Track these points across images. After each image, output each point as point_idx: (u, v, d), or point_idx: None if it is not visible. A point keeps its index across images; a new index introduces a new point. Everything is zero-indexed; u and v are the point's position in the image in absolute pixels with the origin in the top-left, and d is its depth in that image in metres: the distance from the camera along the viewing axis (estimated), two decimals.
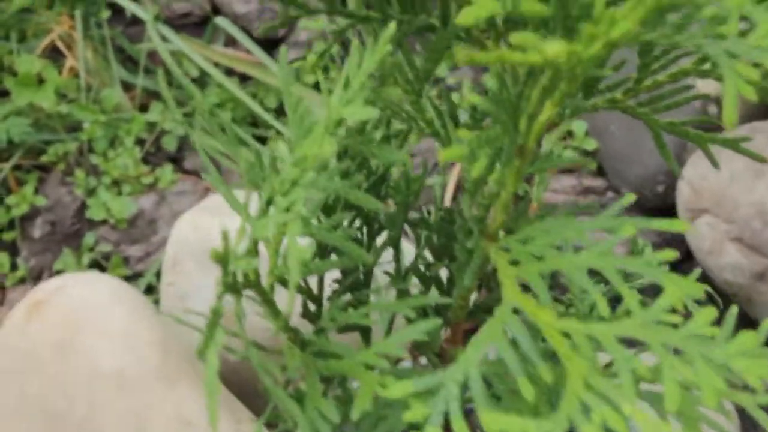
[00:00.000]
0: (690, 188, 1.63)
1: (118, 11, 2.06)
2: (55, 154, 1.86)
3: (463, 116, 0.67)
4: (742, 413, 1.53)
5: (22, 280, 1.76)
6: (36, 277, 1.76)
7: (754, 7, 0.54)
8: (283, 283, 0.62)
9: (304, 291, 0.68)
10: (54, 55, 1.99)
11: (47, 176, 1.86)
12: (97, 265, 1.77)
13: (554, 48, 0.44)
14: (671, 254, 0.56)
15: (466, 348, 0.54)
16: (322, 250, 0.67)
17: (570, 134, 1.83)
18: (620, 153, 1.79)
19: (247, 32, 2.04)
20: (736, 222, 1.58)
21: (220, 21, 2.02)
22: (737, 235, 1.58)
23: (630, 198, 0.58)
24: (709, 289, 0.89)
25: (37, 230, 1.80)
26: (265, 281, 0.63)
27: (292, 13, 0.68)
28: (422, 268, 0.71)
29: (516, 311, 0.53)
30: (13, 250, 1.80)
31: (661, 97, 0.70)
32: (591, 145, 1.81)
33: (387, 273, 0.70)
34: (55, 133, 1.88)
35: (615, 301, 0.73)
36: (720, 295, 1.69)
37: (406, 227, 0.72)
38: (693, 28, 0.55)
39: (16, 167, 1.86)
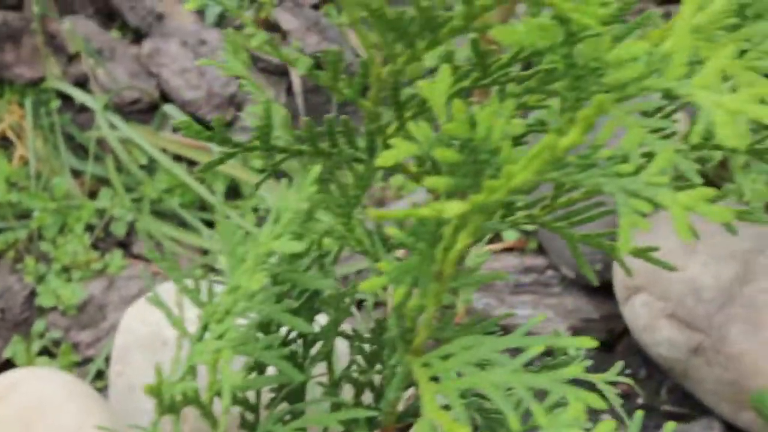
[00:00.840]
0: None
1: (67, 99, 2.10)
2: (5, 242, 1.89)
3: None
4: None
5: None
6: None
7: (653, 140, 0.60)
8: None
9: (242, 402, 0.72)
10: (4, 143, 2.02)
11: None
12: (47, 352, 1.79)
13: (454, 209, 0.49)
14: (590, 342, 0.60)
15: None
16: (260, 366, 0.71)
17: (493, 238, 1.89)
18: None
19: (196, 118, 2.08)
20: (670, 299, 1.64)
21: (168, 108, 2.06)
22: (671, 311, 1.63)
23: (587, 342, 0.60)
24: (631, 382, 0.94)
25: None
26: (204, 395, 0.67)
27: (229, 151, 0.72)
28: (355, 374, 0.75)
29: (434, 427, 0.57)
30: None
31: (576, 212, 0.75)
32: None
33: (320, 383, 0.75)
34: (5, 221, 1.91)
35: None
36: (657, 370, 1.74)
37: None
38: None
39: None
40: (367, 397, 0.78)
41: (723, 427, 1.65)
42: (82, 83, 2.16)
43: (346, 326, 0.77)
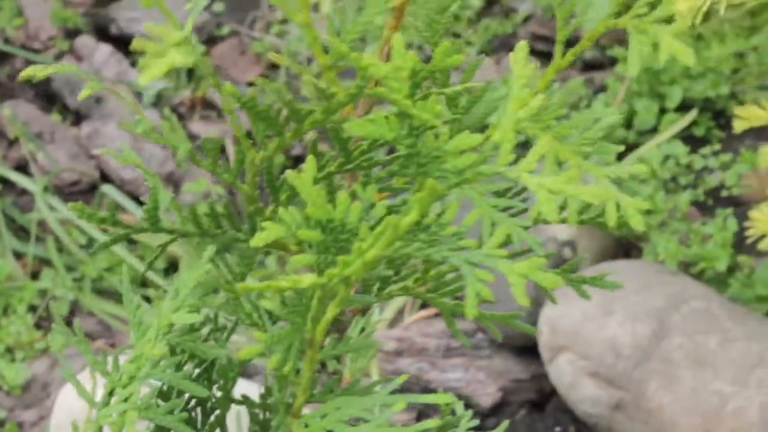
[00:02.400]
0: (548, 327, 1.75)
1: (8, 183, 2.15)
2: None
3: None
4: None
5: None
6: None
7: (497, 215, 0.66)
8: None
9: None
10: None
11: None
12: None
13: (308, 280, 0.56)
14: (447, 398, 0.67)
15: None
16: (163, 430, 0.77)
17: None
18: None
19: (134, 197, 2.14)
20: (592, 357, 1.71)
21: (106, 189, 2.12)
22: (594, 369, 1.70)
23: (445, 398, 0.67)
24: None
25: None
26: None
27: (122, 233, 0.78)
28: None
29: None
30: None
31: (445, 284, 0.82)
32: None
33: None
34: None
35: None
36: (584, 427, 1.80)
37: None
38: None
39: None
40: None
41: None
42: (23, 166, 2.22)
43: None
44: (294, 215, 0.64)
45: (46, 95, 2.40)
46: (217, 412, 0.79)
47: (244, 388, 1.25)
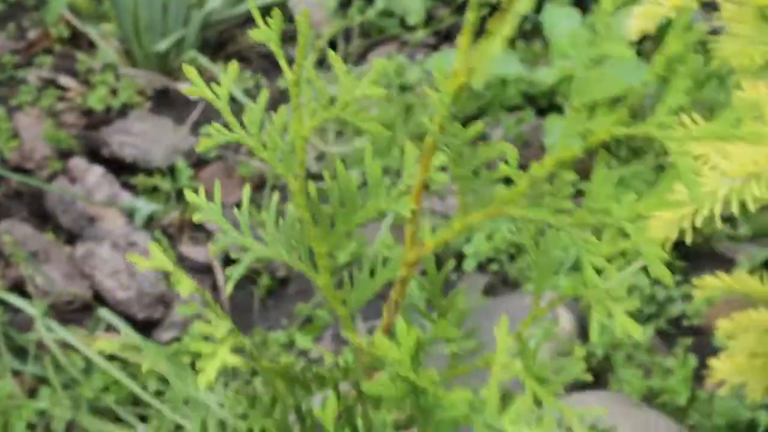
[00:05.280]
0: None
1: (6, 304, 2.26)
2: None
3: None
4: None
5: None
6: None
7: None
8: None
9: None
10: None
11: None
12: None
13: None
14: None
15: None
16: None
17: None
18: None
19: (127, 317, 2.25)
20: None
21: (102, 312, 2.23)
22: None
23: None
24: None
25: None
26: None
27: None
28: None
29: None
30: None
31: None
32: None
33: None
34: None
35: None
36: None
37: None
38: None
39: None
40: None
41: None
42: (19, 284, 2.33)
43: None
44: None
45: (40, 214, 2.52)
46: None
47: None
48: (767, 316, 1.63)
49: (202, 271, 2.44)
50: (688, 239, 1.25)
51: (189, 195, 0.91)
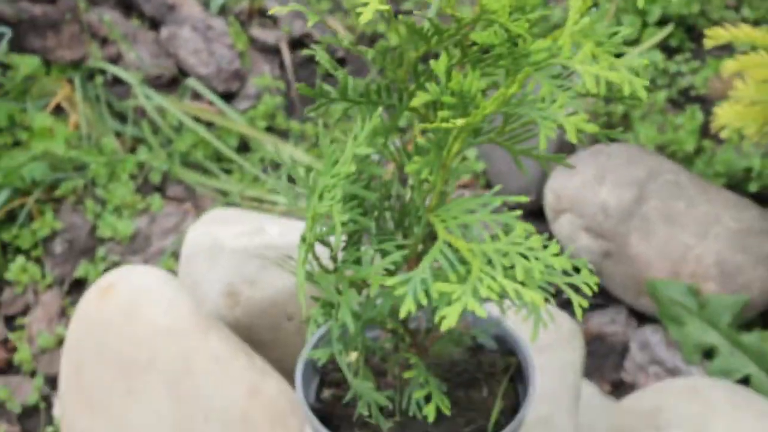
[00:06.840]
0: (552, 194, 2.24)
1: (103, 74, 2.60)
2: (67, 189, 2.40)
3: None
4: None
5: (50, 286, 2.29)
6: (60, 283, 2.29)
7: (557, 89, 1.13)
8: (322, 242, 1.19)
9: (327, 244, 1.24)
10: (60, 112, 2.53)
11: (61, 206, 2.40)
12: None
13: (460, 122, 1.03)
14: (524, 198, 1.14)
15: (420, 264, 1.11)
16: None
17: (464, 159, 2.43)
18: (503, 171, 2.39)
19: (210, 88, 2.60)
20: (587, 216, 2.19)
21: (190, 81, 2.57)
22: (587, 225, 2.19)
23: (523, 198, 1.13)
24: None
25: (58, 247, 2.33)
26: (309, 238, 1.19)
27: (322, 100, 1.23)
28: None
29: (446, 243, 1.11)
30: (40, 264, 2.33)
31: (516, 137, 1.27)
32: (481, 166, 2.40)
33: (370, 234, 1.27)
34: (66, 173, 2.42)
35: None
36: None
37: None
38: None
39: (37, 200, 2.39)
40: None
41: (627, 312, 2.21)
42: (114, 61, 2.67)
43: None
44: (435, 88, 1.11)
45: (125, 4, 2.84)
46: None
47: None
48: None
49: (270, 51, 2.77)
50: None
51: None
